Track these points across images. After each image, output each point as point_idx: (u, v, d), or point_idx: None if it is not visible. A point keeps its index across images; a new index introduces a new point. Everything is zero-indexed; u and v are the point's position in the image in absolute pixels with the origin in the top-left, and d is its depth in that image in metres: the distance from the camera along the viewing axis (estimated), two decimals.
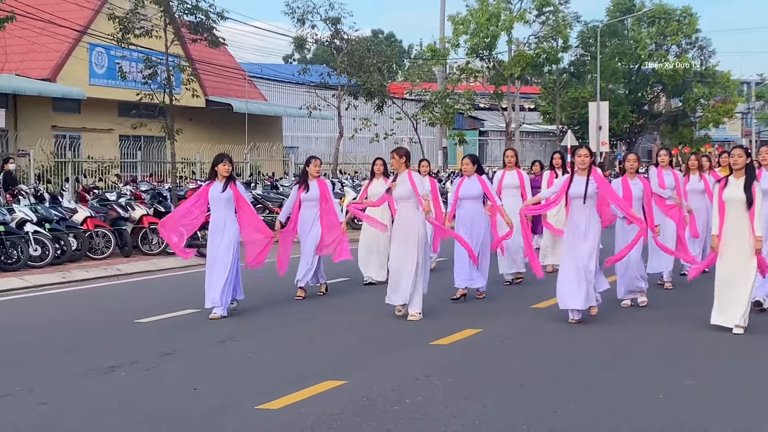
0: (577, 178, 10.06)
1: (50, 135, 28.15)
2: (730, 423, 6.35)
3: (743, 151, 9.55)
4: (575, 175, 10.09)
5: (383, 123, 32.85)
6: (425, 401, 6.93)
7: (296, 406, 6.76)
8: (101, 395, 7.32)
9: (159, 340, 9.39)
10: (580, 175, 10.07)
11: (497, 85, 40.21)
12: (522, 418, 6.46)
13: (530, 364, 8.34)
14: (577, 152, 10.17)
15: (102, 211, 17.71)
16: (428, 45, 39.96)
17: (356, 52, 28.77)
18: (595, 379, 7.75)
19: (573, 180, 10.07)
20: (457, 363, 8.35)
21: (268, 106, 37.91)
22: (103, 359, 8.48)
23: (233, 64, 37.51)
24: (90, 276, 15.12)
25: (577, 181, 10.04)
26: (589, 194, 9.96)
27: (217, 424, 6.40)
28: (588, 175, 10.02)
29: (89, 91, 29.49)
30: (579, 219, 10.04)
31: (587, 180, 10.00)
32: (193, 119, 33.96)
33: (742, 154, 9.45)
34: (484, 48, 38.87)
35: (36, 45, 28.26)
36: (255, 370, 8.19)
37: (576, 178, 10.07)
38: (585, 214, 10.02)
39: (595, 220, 10.08)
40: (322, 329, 10.10)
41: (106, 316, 11.39)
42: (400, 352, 8.86)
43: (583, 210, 10.02)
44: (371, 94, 29.10)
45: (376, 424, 6.32)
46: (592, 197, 10.01)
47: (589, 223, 10.02)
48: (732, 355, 8.62)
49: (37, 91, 27.61)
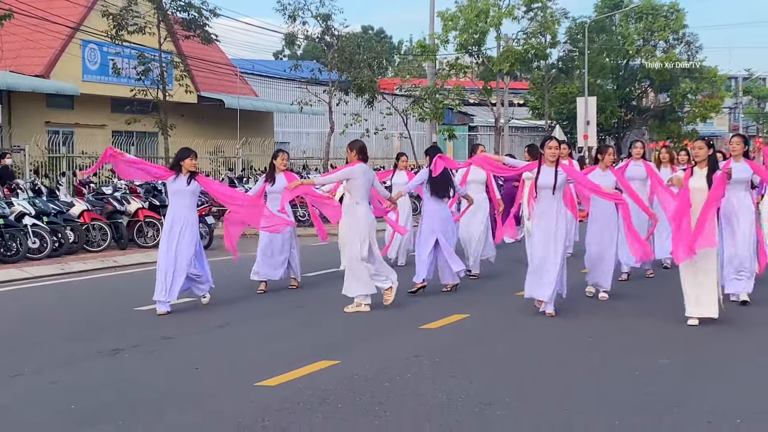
0: (546, 169, 10.11)
1: (44, 131, 28.45)
2: (702, 400, 6.77)
3: (704, 143, 9.79)
4: (543, 165, 10.14)
5: (373, 118, 33.20)
6: (414, 378, 7.34)
7: (292, 383, 7.16)
8: (107, 374, 7.72)
9: (159, 326, 9.77)
10: (548, 166, 10.12)
11: (486, 81, 40.57)
12: (505, 393, 6.87)
13: (514, 346, 8.75)
14: (546, 144, 10.18)
15: (98, 204, 18.07)
16: (418, 41, 40.20)
17: (347, 48, 29.12)
18: (574, 359, 8.17)
19: (541, 171, 10.12)
20: (445, 345, 8.75)
21: (260, 102, 38.24)
22: (106, 343, 8.87)
23: (225, 61, 37.84)
24: (88, 267, 15.47)
25: (546, 172, 10.09)
26: (558, 185, 10.04)
27: (219, 398, 6.80)
28: (556, 166, 10.10)
29: (82, 88, 29.75)
30: (548, 210, 10.10)
31: (556, 171, 10.06)
32: (185, 115, 34.24)
33: (702, 146, 9.67)
34: (473, 44, 39.15)
35: (30, 42, 28.51)
36: (252, 352, 8.58)
37: (544, 168, 10.12)
38: (554, 206, 10.09)
39: (563, 211, 10.20)
40: (313, 316, 10.48)
41: (105, 304, 11.77)
42: (390, 336, 9.28)
43: (553, 201, 10.09)
44: (362, 90, 29.45)
45: (368, 398, 6.73)
46: (561, 188, 10.11)
47: (558, 215, 10.09)
48: (708, 338, 9.04)
49: (31, 87, 27.87)
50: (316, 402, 6.61)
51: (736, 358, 8.22)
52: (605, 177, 11.06)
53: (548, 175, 10.07)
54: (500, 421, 6.20)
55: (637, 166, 12.93)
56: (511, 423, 6.16)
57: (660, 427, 6.07)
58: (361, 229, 10.51)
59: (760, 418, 6.24)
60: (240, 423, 6.11)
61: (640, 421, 6.17)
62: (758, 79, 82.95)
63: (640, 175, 12.69)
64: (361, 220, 10.53)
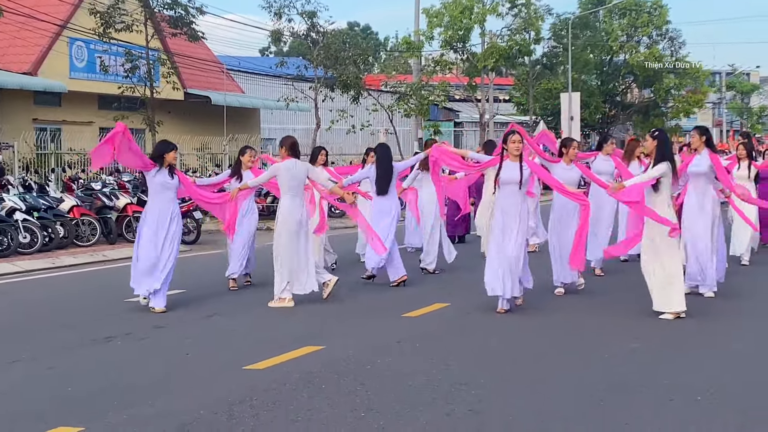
0: (509, 164, 9.86)
1: (32, 128, 28.67)
2: (669, 380, 7.14)
3: (650, 136, 9.93)
4: (506, 160, 9.89)
5: (360, 114, 33.53)
6: (395, 362, 7.71)
7: (279, 367, 7.51)
8: (101, 360, 8.05)
9: (149, 316, 10.08)
10: (512, 160, 9.88)
11: (471, 77, 40.96)
12: (480, 375, 7.23)
13: (492, 333, 9.10)
14: (510, 137, 9.89)
15: (87, 200, 18.36)
16: (403, 38, 40.62)
17: (332, 45, 29.43)
18: (550, 344, 8.55)
19: (504, 166, 9.88)
20: (426, 332, 9.10)
21: (246, 99, 38.52)
22: (99, 332, 9.19)
23: (211, 58, 38.11)
24: (78, 262, 15.77)
25: (510, 167, 9.86)
26: (524, 180, 9.84)
27: (209, 381, 7.14)
28: (521, 161, 9.89)
29: (70, 85, 29.97)
30: (511, 206, 9.86)
31: (521, 166, 9.84)
32: (171, 112, 34.46)
33: (648, 139, 9.91)
34: (457, 40, 39.56)
35: (17, 39, 28.74)
36: (239, 339, 8.92)
37: (507, 163, 9.87)
38: (517, 201, 9.88)
39: (525, 207, 10.08)
40: (298, 305, 10.71)
41: (96, 296, 12.08)
42: (373, 323, 9.63)
43: (517, 196, 9.88)
44: (347, 87, 29.77)
45: (350, 379, 7.08)
46: (527, 183, 9.99)
47: (521, 210, 9.91)
48: (674, 326, 9.43)
49: (19, 84, 28.08)
50: (302, 383, 6.96)
51: (699, 344, 8.60)
52: (570, 171, 10.91)
53: (513, 170, 9.83)
54: (474, 399, 6.55)
55: (605, 161, 12.95)
56: (485, 400, 6.51)
57: (628, 403, 6.43)
58: (290, 225, 10.67)
59: (717, 394, 6.61)
60: (229, 401, 6.44)
61: (609, 398, 6.54)
62: (742, 74, 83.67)
63: (607, 170, 12.74)
64: (288, 215, 10.69)
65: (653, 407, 6.32)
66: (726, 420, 6.01)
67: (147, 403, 6.50)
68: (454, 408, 6.31)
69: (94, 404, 6.56)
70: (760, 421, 6.04)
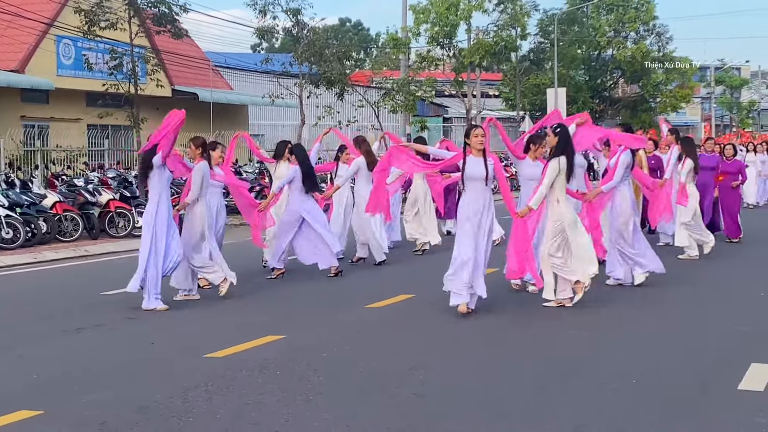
0: (473, 159, 9.55)
1: (19, 125, 28.92)
2: (607, 366, 7.48)
3: (551, 130, 10.13)
4: (469, 156, 9.58)
5: (346, 111, 33.83)
6: (351, 350, 8.04)
7: (238, 355, 7.84)
8: (69, 349, 8.39)
9: (123, 308, 10.33)
10: (475, 155, 9.58)
11: (458, 73, 41.29)
12: (432, 360, 7.56)
13: (451, 322, 9.40)
14: (473, 132, 9.62)
15: (70, 196, 18.64)
16: (390, 34, 40.90)
17: (316, 42, 29.72)
18: (505, 330, 8.88)
19: (467, 161, 9.56)
20: (386, 322, 9.44)
21: (234, 95, 38.78)
22: (72, 323, 9.51)
23: (199, 55, 38.36)
24: (60, 257, 16.06)
25: (474, 162, 9.54)
26: (490, 175, 9.55)
27: (170, 367, 7.47)
28: (485, 156, 9.59)
29: (57, 82, 30.21)
30: (477, 202, 9.56)
31: (485, 161, 9.55)
32: (159, 108, 34.66)
33: (550, 134, 10.02)
34: (444, 36, 39.92)
35: (4, 37, 28.97)
36: (205, 329, 9.23)
37: (471, 158, 9.55)
38: (484, 197, 9.60)
39: (491, 204, 9.70)
40: (264, 298, 11.04)
41: (74, 290, 12.41)
42: (335, 314, 9.93)
43: (484, 193, 9.61)
44: (331, 83, 30.06)
45: (304, 365, 7.40)
46: (492, 179, 9.65)
47: (487, 207, 9.61)
48: (607, 316, 9.78)
49: (6, 82, 28.31)
50: (257, 369, 7.29)
51: (631, 331, 8.94)
52: (535, 167, 10.60)
53: (478, 165, 9.53)
54: (419, 381, 6.90)
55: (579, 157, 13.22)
56: (431, 383, 6.83)
57: (564, 386, 6.76)
58: (195, 224, 10.85)
59: (649, 379, 6.95)
60: (185, 387, 6.76)
61: (546, 383, 6.86)
62: (732, 69, 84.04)
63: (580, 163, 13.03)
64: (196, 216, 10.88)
65: (593, 390, 6.65)
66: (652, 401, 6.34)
67: (107, 389, 6.81)
68: (400, 391, 6.64)
69: (56, 389, 6.87)
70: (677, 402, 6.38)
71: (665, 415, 6.02)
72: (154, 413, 6.14)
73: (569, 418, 5.95)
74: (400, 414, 6.13)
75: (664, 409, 6.15)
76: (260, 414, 6.13)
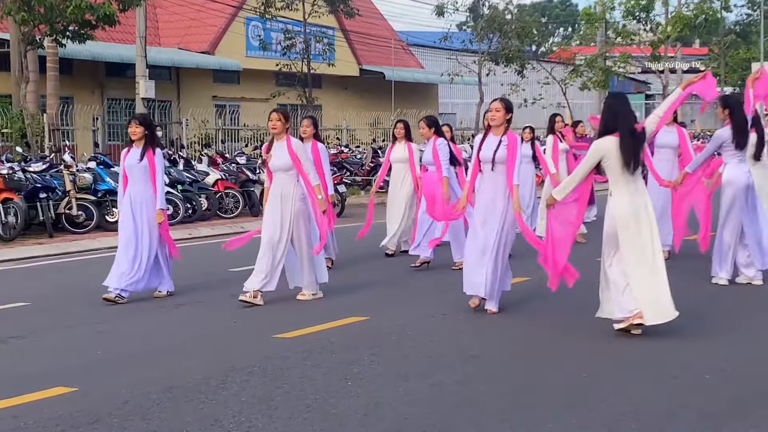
0: (492, 138, 8.37)
1: (211, 105, 30.24)
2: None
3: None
4: (489, 134, 8.41)
5: (531, 88, 33.21)
6: (420, 332, 7.81)
7: (306, 336, 7.80)
8: (149, 326, 8.68)
9: (237, 286, 10.34)
10: (494, 134, 8.37)
11: (655, 48, 39.60)
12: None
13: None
14: (490, 105, 8.47)
15: (233, 174, 19.23)
16: (583, 9, 39.73)
17: (496, 18, 29.30)
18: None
19: (486, 140, 8.42)
20: (469, 311, 9.06)
21: (421, 74, 38.89)
22: (177, 299, 9.79)
23: (391, 35, 38.61)
24: (215, 233, 16.56)
25: (490, 142, 8.38)
26: (497, 159, 8.26)
27: (230, 345, 7.58)
28: (502, 135, 8.32)
29: (246, 63, 31.34)
30: (486, 190, 8.43)
31: (499, 141, 8.29)
32: (348, 88, 35.47)
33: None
34: (640, 10, 38.34)
35: (195, 21, 30.34)
36: (296, 310, 9.23)
37: (490, 137, 8.38)
38: (492, 184, 8.36)
39: (505, 192, 8.30)
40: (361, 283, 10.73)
41: (207, 266, 12.59)
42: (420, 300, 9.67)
43: (492, 178, 8.36)
44: (510, 60, 29.55)
45: (366, 348, 7.24)
46: (502, 163, 8.25)
47: (497, 196, 8.35)
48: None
49: (195, 63, 29.68)
50: (316, 351, 7.21)
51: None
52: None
53: (490, 146, 8.32)
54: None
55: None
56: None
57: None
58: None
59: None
60: (230, 368, 6.76)
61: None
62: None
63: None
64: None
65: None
66: None
67: (153, 368, 6.87)
68: (441, 380, 6.36)
69: (107, 367, 6.96)
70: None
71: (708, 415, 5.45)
72: (181, 394, 6.12)
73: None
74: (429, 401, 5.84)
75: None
76: (284, 399, 5.97)
